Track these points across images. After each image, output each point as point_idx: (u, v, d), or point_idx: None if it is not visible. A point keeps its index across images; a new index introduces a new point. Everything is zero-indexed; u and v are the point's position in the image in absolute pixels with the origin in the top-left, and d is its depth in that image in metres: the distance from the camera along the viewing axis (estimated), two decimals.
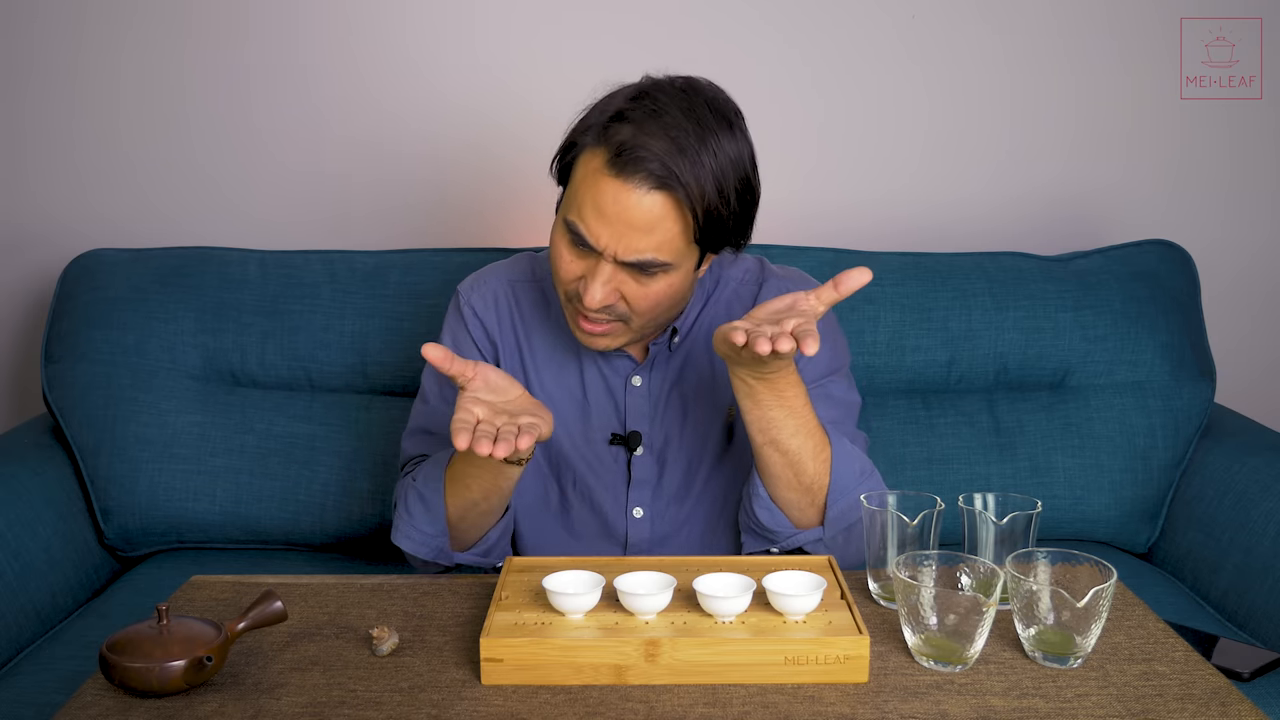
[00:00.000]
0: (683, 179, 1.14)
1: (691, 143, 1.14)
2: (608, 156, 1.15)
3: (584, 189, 1.18)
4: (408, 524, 1.26)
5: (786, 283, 1.38)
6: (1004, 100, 2.03)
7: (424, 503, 1.25)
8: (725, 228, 1.20)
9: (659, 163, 1.13)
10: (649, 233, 1.16)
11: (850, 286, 1.08)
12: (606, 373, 1.36)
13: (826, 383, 1.34)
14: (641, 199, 1.15)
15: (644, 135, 1.14)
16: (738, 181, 1.18)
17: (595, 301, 1.19)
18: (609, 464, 1.37)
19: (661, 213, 1.15)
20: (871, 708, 0.93)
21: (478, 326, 1.38)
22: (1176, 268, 1.85)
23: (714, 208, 1.16)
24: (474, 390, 1.12)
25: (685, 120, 1.15)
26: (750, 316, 1.13)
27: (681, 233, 1.17)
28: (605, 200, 1.15)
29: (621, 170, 1.14)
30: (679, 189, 1.14)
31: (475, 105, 1.99)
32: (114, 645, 0.95)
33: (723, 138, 1.17)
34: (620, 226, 1.16)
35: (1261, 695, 1.35)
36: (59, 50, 1.99)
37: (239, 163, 2.03)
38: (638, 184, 1.14)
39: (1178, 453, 1.79)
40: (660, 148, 1.13)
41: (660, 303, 1.23)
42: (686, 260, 1.21)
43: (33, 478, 1.68)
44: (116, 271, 1.82)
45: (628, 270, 1.19)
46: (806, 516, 1.25)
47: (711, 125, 1.16)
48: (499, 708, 0.93)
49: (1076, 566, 1.02)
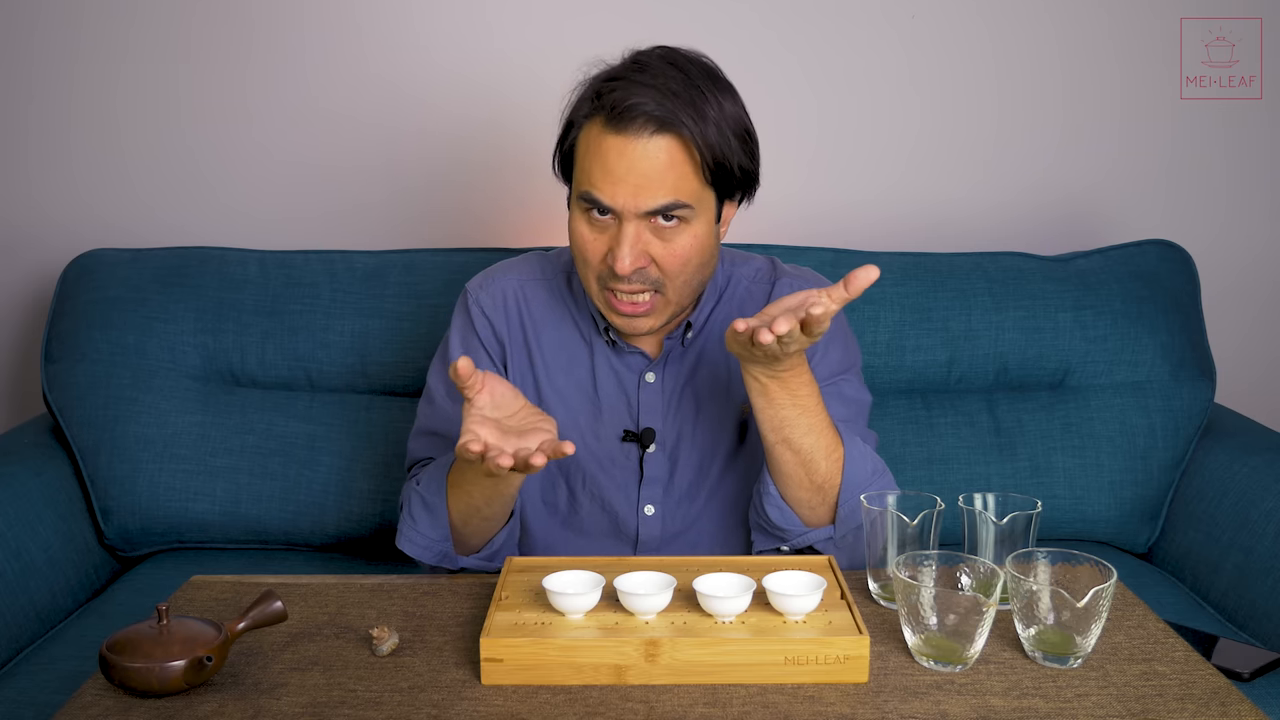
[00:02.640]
0: (682, 117, 1.16)
1: (683, 89, 1.17)
2: (605, 118, 1.18)
3: (590, 157, 1.20)
4: (412, 529, 1.27)
5: (799, 281, 1.38)
6: (1003, 100, 2.03)
7: (427, 508, 1.25)
8: (732, 172, 1.22)
9: (655, 105, 1.16)
10: (662, 177, 1.18)
11: (859, 285, 1.08)
12: (619, 369, 1.36)
13: (839, 381, 1.35)
14: (647, 145, 1.17)
15: (636, 88, 1.17)
16: (736, 126, 1.21)
17: (626, 266, 1.19)
18: (620, 461, 1.36)
19: (669, 154, 1.17)
20: (871, 708, 0.93)
21: (485, 325, 1.38)
22: (1176, 268, 1.85)
23: (717, 146, 1.19)
24: (479, 406, 1.10)
25: (673, 72, 1.18)
26: (762, 314, 1.13)
27: (694, 172, 1.19)
28: (612, 158, 1.17)
29: (621, 124, 1.17)
30: (681, 127, 1.17)
31: (476, 105, 1.99)
32: (114, 645, 0.95)
33: (714, 87, 1.20)
34: (633, 179, 1.17)
35: (1261, 695, 1.35)
36: (59, 50, 1.99)
37: (239, 163, 2.03)
38: (638, 131, 1.16)
39: (1178, 453, 1.79)
40: (653, 95, 1.16)
41: (690, 259, 1.23)
42: (704, 206, 1.22)
43: (33, 478, 1.68)
44: (116, 271, 1.82)
45: (651, 226, 1.20)
46: (817, 515, 1.25)
47: (698, 77, 1.19)
48: (499, 708, 0.93)
49: (1076, 566, 1.02)
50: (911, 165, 2.05)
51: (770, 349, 1.10)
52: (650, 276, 1.23)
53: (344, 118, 2.01)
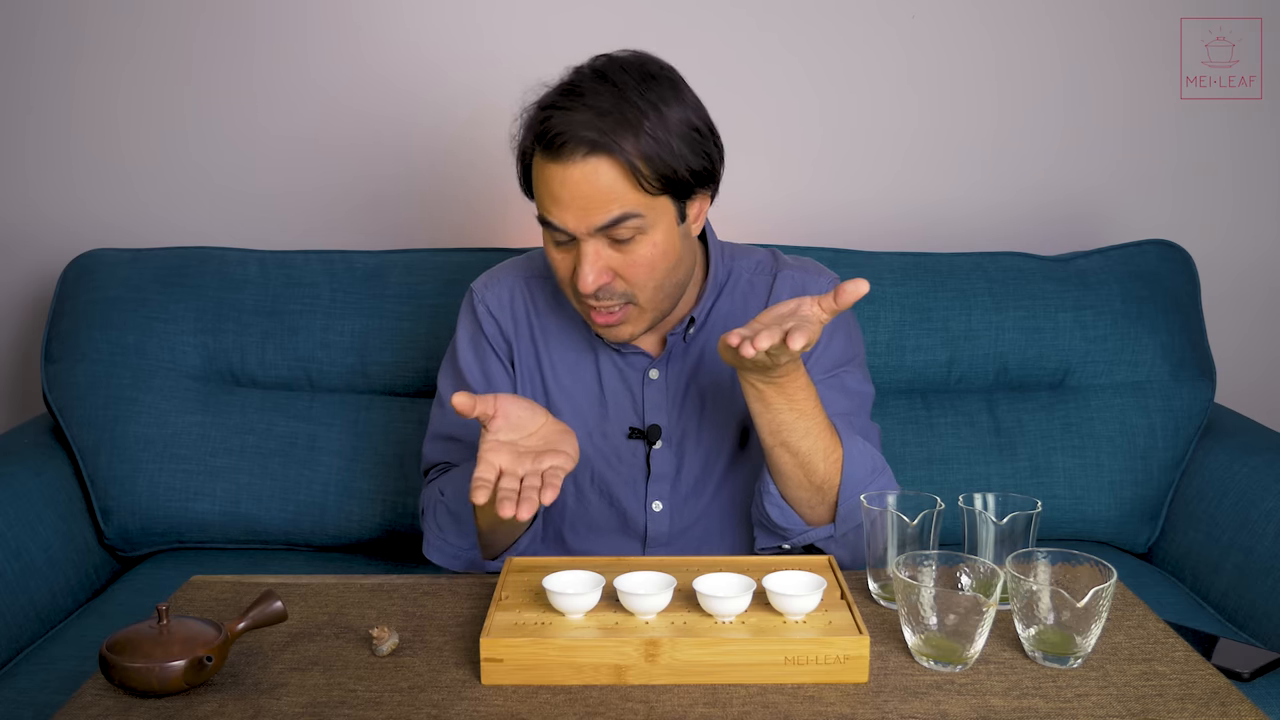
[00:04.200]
0: (614, 137, 1.17)
1: (615, 106, 1.17)
2: (542, 149, 1.20)
3: (539, 186, 1.22)
4: (439, 539, 1.30)
5: (800, 272, 1.38)
6: (1003, 100, 2.03)
7: (454, 518, 1.27)
8: (676, 171, 1.20)
9: (586, 128, 1.17)
10: (604, 196, 1.18)
11: (849, 298, 1.09)
12: (623, 367, 1.37)
13: (841, 373, 1.35)
14: (583, 168, 1.18)
15: (565, 114, 1.18)
16: (681, 128, 1.20)
17: (589, 285, 1.21)
18: (627, 458, 1.37)
19: (604, 173, 1.18)
20: (871, 708, 0.93)
21: (492, 325, 1.38)
22: (1176, 268, 1.85)
23: (657, 158, 1.19)
24: (495, 431, 1.11)
25: (601, 87, 1.19)
26: (753, 322, 1.13)
27: (634, 186, 1.19)
28: (554, 186, 1.19)
29: (556, 154, 1.18)
30: (609, 144, 1.17)
31: (476, 105, 1.99)
32: (114, 645, 0.95)
33: (651, 97, 1.19)
34: (577, 202, 1.19)
35: (1261, 695, 1.35)
36: (59, 51, 1.99)
37: (239, 163, 2.03)
38: (569, 156, 1.18)
39: (1178, 453, 1.79)
40: (581, 119, 1.17)
41: (654, 266, 1.23)
42: (659, 212, 1.22)
43: (33, 478, 1.68)
44: (116, 271, 1.82)
45: (605, 241, 1.21)
46: (817, 514, 1.25)
47: (632, 91, 1.19)
48: (499, 708, 0.93)
49: (1076, 566, 1.02)
50: (911, 165, 2.05)
51: (759, 360, 1.10)
52: (617, 290, 1.23)
53: (345, 118, 2.01)
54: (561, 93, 1.20)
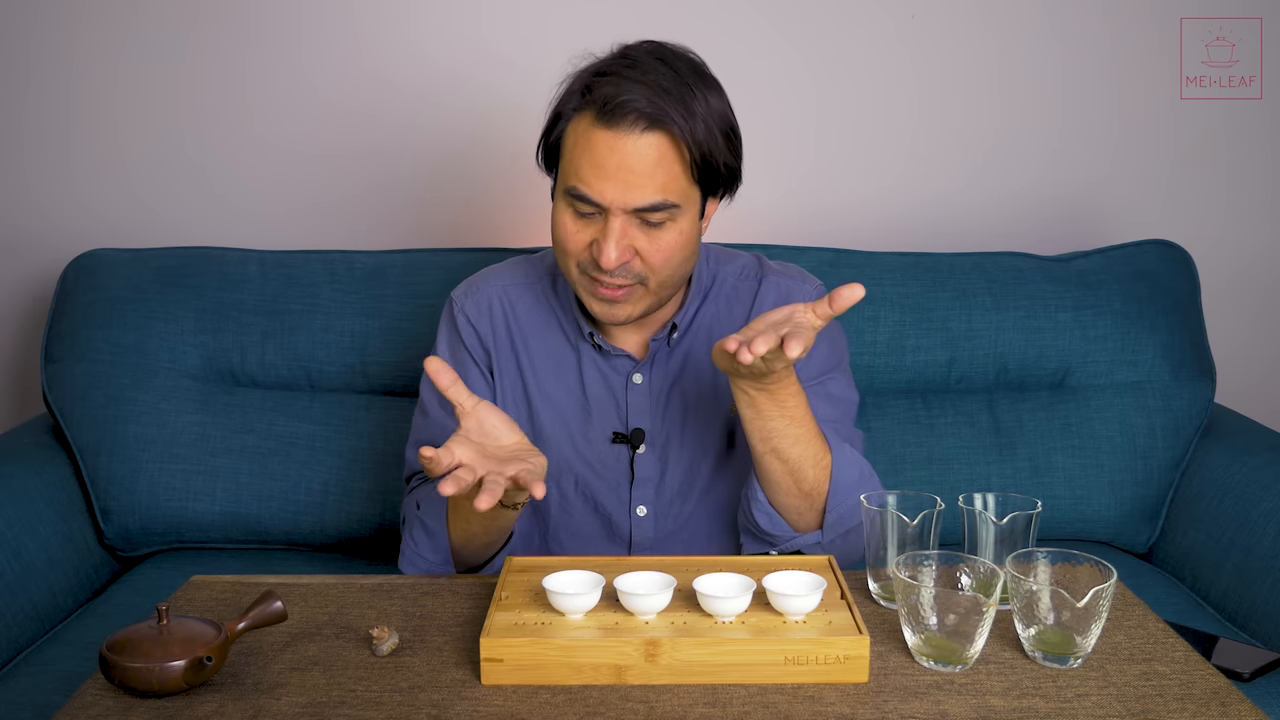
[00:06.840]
0: (673, 114, 1.16)
1: (673, 86, 1.17)
2: (595, 113, 1.17)
3: (579, 151, 1.19)
4: (414, 552, 1.29)
5: (785, 279, 1.38)
6: (1003, 100, 2.03)
7: (428, 532, 1.27)
8: (718, 169, 1.22)
9: (647, 102, 1.16)
10: (651, 175, 1.17)
11: (843, 304, 1.09)
12: (606, 371, 1.36)
13: (825, 380, 1.34)
14: (638, 142, 1.17)
15: (626, 83, 1.16)
16: (722, 123, 1.21)
17: (611, 261, 1.19)
18: (611, 463, 1.36)
19: (659, 152, 1.17)
20: (871, 708, 0.93)
21: (471, 334, 1.38)
22: (1176, 268, 1.85)
23: (705, 144, 1.19)
24: (465, 430, 1.12)
25: (663, 68, 1.18)
26: (747, 328, 1.13)
27: (683, 171, 1.19)
28: (602, 153, 1.17)
29: (612, 119, 1.16)
30: (672, 124, 1.16)
31: (477, 105, 1.99)
32: (114, 645, 0.95)
33: (701, 84, 1.20)
34: (623, 175, 1.17)
35: (1261, 695, 1.35)
36: (58, 50, 1.99)
37: (239, 163, 2.03)
38: (629, 127, 1.16)
39: (1178, 453, 1.79)
40: (645, 92, 1.16)
41: (674, 254, 1.23)
42: (690, 203, 1.22)
43: (33, 478, 1.68)
44: (116, 271, 1.82)
45: (638, 222, 1.20)
46: (805, 521, 1.25)
47: (687, 74, 1.19)
48: (499, 708, 0.93)
49: (1076, 566, 1.02)
50: (911, 165, 2.05)
51: (755, 366, 1.10)
52: (634, 270, 1.23)
53: (345, 118, 2.01)
54: (618, 62, 1.19)
